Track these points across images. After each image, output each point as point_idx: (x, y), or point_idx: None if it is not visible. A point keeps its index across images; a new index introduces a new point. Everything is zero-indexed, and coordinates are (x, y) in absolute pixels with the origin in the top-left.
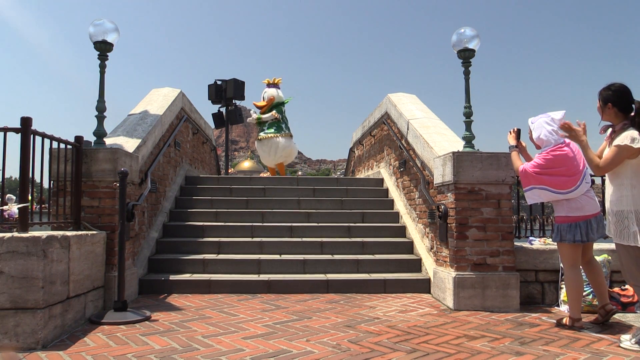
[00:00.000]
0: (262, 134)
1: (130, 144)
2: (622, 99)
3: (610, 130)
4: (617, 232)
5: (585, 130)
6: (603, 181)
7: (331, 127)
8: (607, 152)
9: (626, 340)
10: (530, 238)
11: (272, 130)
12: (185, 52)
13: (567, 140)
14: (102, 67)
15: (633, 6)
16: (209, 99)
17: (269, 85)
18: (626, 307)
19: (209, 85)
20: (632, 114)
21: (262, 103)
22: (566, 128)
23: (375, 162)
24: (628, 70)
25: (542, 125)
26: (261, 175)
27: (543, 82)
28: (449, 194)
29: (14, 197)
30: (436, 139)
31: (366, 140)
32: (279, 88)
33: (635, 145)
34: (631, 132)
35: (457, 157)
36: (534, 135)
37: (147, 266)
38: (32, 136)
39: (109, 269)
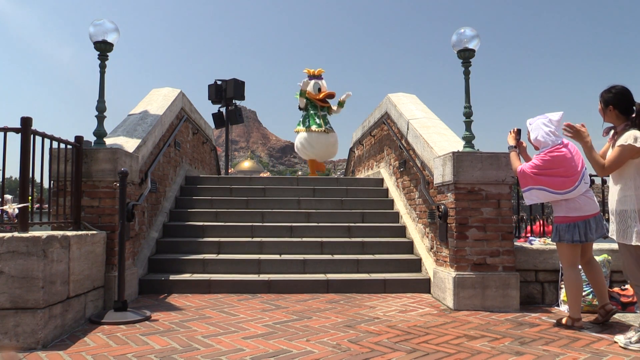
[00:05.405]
0: (327, 127)
1: (130, 144)
2: (623, 101)
3: (612, 132)
4: (619, 231)
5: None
6: (603, 181)
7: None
8: (611, 153)
9: (626, 340)
10: (530, 238)
11: (330, 125)
12: (185, 52)
13: (565, 141)
14: (102, 67)
15: (634, 6)
16: (209, 99)
17: (315, 77)
18: (626, 307)
19: (209, 85)
20: (633, 115)
21: (325, 93)
22: (570, 128)
23: (375, 162)
24: (628, 70)
25: (540, 127)
26: (261, 175)
27: (543, 82)
28: (449, 194)
29: (11, 197)
30: (436, 139)
31: (366, 140)
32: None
33: (639, 145)
34: (634, 132)
35: (457, 157)
36: (532, 137)
37: (147, 266)
38: (32, 136)
39: (109, 269)
